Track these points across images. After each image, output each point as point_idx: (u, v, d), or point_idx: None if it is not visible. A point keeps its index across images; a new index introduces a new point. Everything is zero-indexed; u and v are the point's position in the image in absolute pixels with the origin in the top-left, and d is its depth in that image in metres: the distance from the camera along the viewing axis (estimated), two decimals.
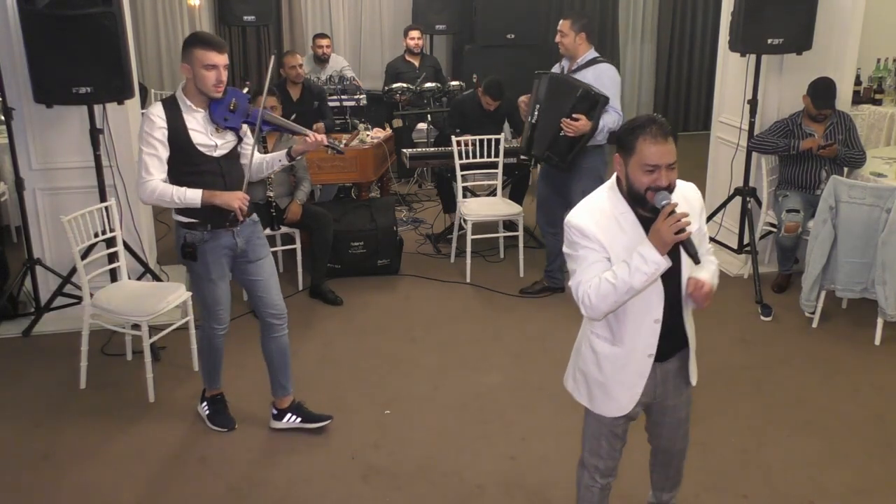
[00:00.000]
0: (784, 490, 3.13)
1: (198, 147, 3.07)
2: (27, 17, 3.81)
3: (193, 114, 3.09)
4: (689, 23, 9.53)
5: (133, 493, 3.15)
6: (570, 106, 4.33)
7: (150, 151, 3.02)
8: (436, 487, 3.17)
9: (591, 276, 2.18)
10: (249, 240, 3.26)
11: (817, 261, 4.36)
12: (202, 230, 3.13)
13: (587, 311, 2.24)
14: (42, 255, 4.55)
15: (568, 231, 2.24)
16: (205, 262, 3.17)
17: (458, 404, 3.77)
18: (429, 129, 6.79)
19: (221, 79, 3.01)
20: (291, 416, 3.49)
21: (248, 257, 3.28)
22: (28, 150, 4.40)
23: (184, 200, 3.03)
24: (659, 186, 2.10)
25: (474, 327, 4.59)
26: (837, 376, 4.01)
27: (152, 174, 3.03)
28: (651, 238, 2.10)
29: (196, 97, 3.08)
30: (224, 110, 3.09)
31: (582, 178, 4.49)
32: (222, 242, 3.18)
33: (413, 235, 6.08)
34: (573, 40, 4.48)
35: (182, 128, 3.05)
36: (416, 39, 7.20)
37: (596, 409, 2.43)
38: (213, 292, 3.25)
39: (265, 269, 3.32)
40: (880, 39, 6.25)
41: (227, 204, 3.03)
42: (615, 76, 4.49)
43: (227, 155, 3.16)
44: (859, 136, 4.85)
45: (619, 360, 2.33)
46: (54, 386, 3.93)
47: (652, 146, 2.08)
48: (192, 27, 8.35)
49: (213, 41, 3.00)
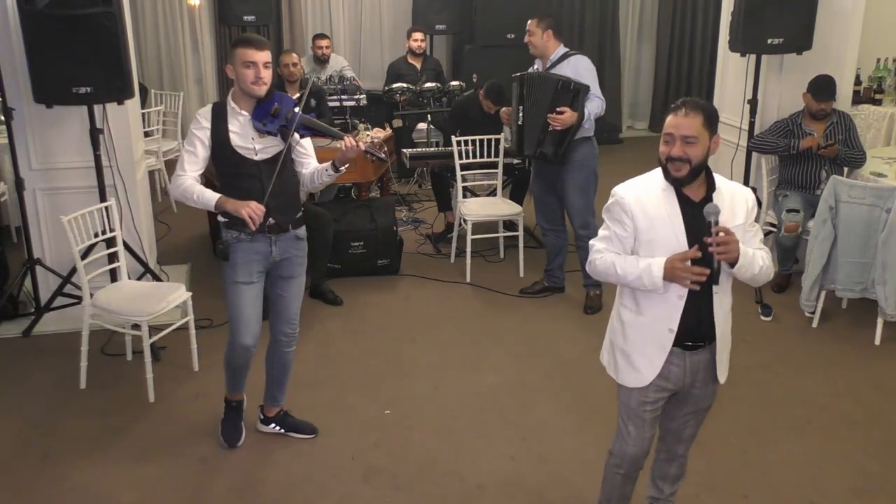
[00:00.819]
0: (784, 490, 3.13)
1: (237, 150, 3.06)
2: (27, 17, 3.81)
3: (237, 116, 3.08)
4: (689, 23, 9.53)
5: (133, 493, 3.15)
6: (551, 99, 4.41)
7: (188, 148, 3.07)
8: (436, 487, 3.17)
9: (609, 248, 2.41)
10: (287, 255, 3.20)
11: (817, 261, 4.36)
12: (239, 231, 3.08)
13: (588, 267, 2.50)
14: (42, 255, 4.55)
15: (611, 199, 2.41)
16: (234, 264, 3.12)
17: (458, 404, 3.77)
18: (429, 128, 6.79)
19: (260, 75, 2.99)
20: (276, 425, 3.49)
21: (282, 272, 3.22)
22: (28, 150, 4.40)
23: (201, 200, 3.02)
24: (671, 156, 2.26)
25: (474, 327, 4.59)
26: (837, 376, 4.01)
27: (185, 170, 3.06)
28: (666, 263, 2.28)
29: (242, 100, 3.07)
30: (264, 115, 3.05)
31: (574, 172, 4.54)
32: (257, 247, 3.12)
33: (413, 235, 6.08)
34: (541, 38, 4.55)
35: (223, 129, 3.06)
36: (419, 41, 7.20)
37: (620, 378, 2.51)
38: (238, 299, 3.13)
39: (294, 288, 3.27)
40: (880, 39, 6.25)
41: (236, 211, 2.96)
42: (590, 65, 4.56)
43: (269, 160, 3.10)
44: (859, 136, 4.85)
45: (642, 329, 2.43)
46: (54, 386, 3.93)
47: (672, 117, 2.27)
48: (192, 27, 8.36)
49: (251, 39, 3.02)
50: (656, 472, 2.78)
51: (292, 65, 6.09)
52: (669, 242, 2.31)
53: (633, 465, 2.60)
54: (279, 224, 3.12)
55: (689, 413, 2.58)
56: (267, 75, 3.02)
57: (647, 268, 2.29)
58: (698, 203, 2.33)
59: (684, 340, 2.39)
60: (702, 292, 2.32)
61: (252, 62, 2.98)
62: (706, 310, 2.37)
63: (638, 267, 2.31)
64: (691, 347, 2.41)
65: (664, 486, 2.77)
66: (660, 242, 2.32)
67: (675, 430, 2.64)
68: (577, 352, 4.26)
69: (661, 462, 2.75)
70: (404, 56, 7.36)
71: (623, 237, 2.37)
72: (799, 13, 4.62)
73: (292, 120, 3.07)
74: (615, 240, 2.39)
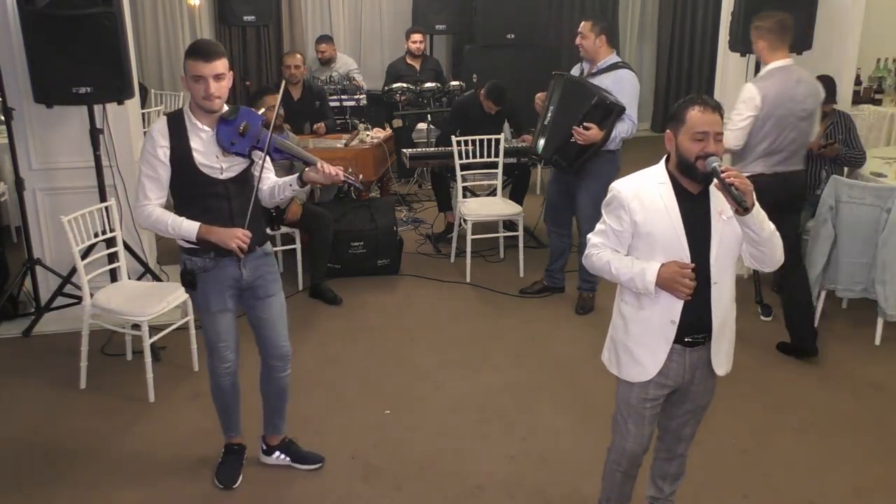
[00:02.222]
0: (784, 490, 3.13)
1: (201, 169, 2.79)
2: (27, 17, 3.81)
3: (199, 132, 2.80)
4: (689, 23, 9.53)
5: (133, 493, 3.14)
6: (584, 113, 4.29)
7: (148, 173, 2.79)
8: (436, 487, 3.17)
9: (605, 244, 2.44)
10: (259, 273, 2.97)
11: (817, 261, 4.36)
12: (204, 257, 2.85)
13: (584, 261, 2.54)
14: (42, 255, 4.55)
15: (609, 194, 2.44)
16: (204, 293, 2.90)
17: (458, 404, 3.77)
18: (429, 128, 6.79)
19: (210, 91, 2.69)
20: (281, 454, 3.29)
21: (257, 293, 3.00)
22: (28, 150, 4.40)
23: (178, 232, 2.77)
24: (708, 153, 2.26)
25: (474, 327, 4.59)
26: (837, 376, 4.01)
27: (149, 198, 2.80)
28: (662, 272, 2.31)
29: (201, 114, 2.79)
30: (232, 133, 2.78)
31: (591, 182, 4.43)
32: (226, 273, 2.89)
33: (413, 235, 6.08)
34: (593, 43, 4.41)
35: (185, 147, 2.78)
36: (417, 43, 7.20)
37: (623, 374, 2.52)
38: (214, 326, 2.96)
39: (274, 308, 3.04)
40: (880, 39, 6.25)
41: (223, 242, 2.75)
42: (635, 83, 4.42)
43: (235, 178, 2.86)
44: (859, 136, 4.85)
45: (644, 322, 2.44)
46: (54, 386, 3.93)
47: (701, 115, 2.28)
48: (192, 27, 8.35)
49: (199, 49, 2.69)
50: (656, 471, 2.79)
51: (294, 66, 6.09)
52: (667, 235, 2.34)
53: (633, 463, 2.62)
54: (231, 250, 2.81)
55: (688, 411, 2.59)
56: (219, 88, 2.72)
57: (641, 272, 2.33)
58: (696, 195, 2.35)
59: (684, 335, 2.41)
60: (701, 285, 2.34)
61: (199, 76, 2.68)
62: (706, 302, 2.38)
63: (632, 269, 2.35)
64: (691, 343, 2.43)
65: (664, 485, 2.78)
66: (658, 235, 2.34)
67: (675, 428, 2.65)
68: (577, 352, 4.26)
69: (661, 461, 2.76)
70: (403, 57, 7.36)
71: (619, 232, 2.41)
72: (799, 13, 4.60)
73: (264, 141, 2.81)
74: (611, 234, 2.43)
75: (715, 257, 2.35)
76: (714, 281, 2.36)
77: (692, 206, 2.35)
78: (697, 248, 2.34)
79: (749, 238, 2.32)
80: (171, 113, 2.85)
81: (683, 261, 2.33)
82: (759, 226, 2.27)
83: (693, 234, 2.34)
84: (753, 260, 2.40)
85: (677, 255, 2.34)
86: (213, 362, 3.05)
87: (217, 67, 2.69)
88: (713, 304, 2.38)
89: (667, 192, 2.36)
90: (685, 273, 2.29)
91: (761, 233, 2.28)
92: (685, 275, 2.29)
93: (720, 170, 2.21)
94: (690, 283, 2.29)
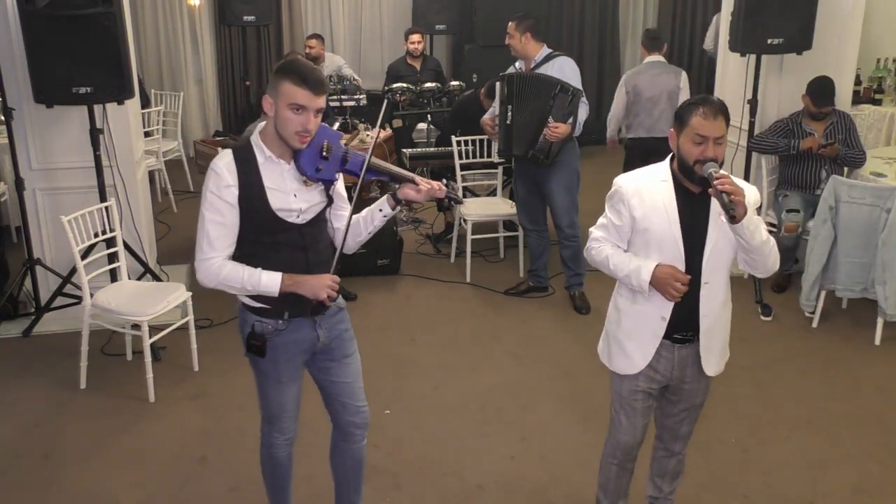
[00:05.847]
0: (784, 490, 3.13)
1: (277, 213, 2.34)
2: (27, 17, 3.81)
3: (273, 166, 2.34)
4: (689, 23, 9.52)
5: (133, 493, 3.15)
6: (552, 100, 4.44)
7: (214, 218, 2.31)
8: (436, 487, 3.17)
9: (606, 238, 2.48)
10: (336, 333, 2.55)
11: (817, 261, 4.36)
12: (276, 319, 2.42)
13: (585, 254, 2.58)
14: (42, 255, 4.55)
15: (612, 188, 2.47)
16: (275, 360, 2.46)
17: (458, 404, 3.77)
18: (429, 128, 6.78)
19: (308, 126, 2.26)
20: None
21: (333, 355, 2.57)
22: (28, 150, 4.40)
23: (257, 289, 2.34)
24: (706, 158, 2.28)
25: (474, 327, 4.59)
26: (837, 376, 4.01)
27: (216, 249, 2.32)
28: (657, 270, 2.35)
29: (276, 144, 2.33)
30: (315, 157, 2.34)
31: (560, 172, 4.59)
32: (300, 336, 2.47)
33: (413, 235, 6.08)
34: (520, 41, 4.61)
35: (257, 185, 2.31)
36: (416, 43, 7.20)
37: (612, 365, 2.57)
38: (280, 397, 2.55)
39: (352, 370, 2.62)
40: (880, 39, 6.26)
41: (314, 293, 2.35)
42: (575, 67, 4.60)
43: (311, 222, 2.43)
44: (859, 136, 4.85)
45: (636, 316, 2.48)
46: (54, 386, 3.93)
47: (703, 119, 2.29)
48: (192, 27, 8.36)
49: (308, 77, 2.23)
50: (655, 470, 2.80)
51: None
52: (663, 232, 2.36)
53: (627, 455, 2.66)
54: (322, 301, 2.40)
55: (684, 410, 2.61)
56: (315, 127, 2.30)
57: (637, 270, 2.37)
58: (697, 195, 2.36)
59: (674, 332, 2.44)
60: (693, 285, 2.37)
61: (302, 106, 2.24)
62: (696, 301, 2.41)
63: (629, 266, 2.40)
64: (680, 341, 2.46)
65: (663, 484, 2.79)
66: (654, 231, 2.37)
67: (672, 427, 2.67)
68: (576, 351, 4.26)
69: (660, 460, 2.77)
70: (403, 57, 7.36)
71: (619, 226, 2.44)
72: (799, 13, 4.62)
73: (355, 162, 2.39)
74: (611, 228, 2.46)
75: (707, 257, 2.38)
76: (705, 281, 2.39)
77: (692, 206, 2.37)
78: (692, 247, 2.37)
79: (740, 245, 2.33)
80: (236, 146, 2.39)
81: (678, 258, 2.36)
82: (750, 235, 2.28)
83: (689, 234, 2.36)
84: (746, 265, 2.42)
85: (672, 252, 2.36)
86: (270, 433, 2.65)
87: (322, 102, 2.27)
88: (702, 303, 2.41)
89: (667, 189, 2.38)
90: (679, 278, 2.33)
91: (751, 241, 2.29)
92: (679, 279, 2.33)
93: (715, 176, 2.23)
94: (682, 289, 2.33)
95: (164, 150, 6.91)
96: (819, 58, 4.81)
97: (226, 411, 3.71)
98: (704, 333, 2.45)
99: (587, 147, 5.98)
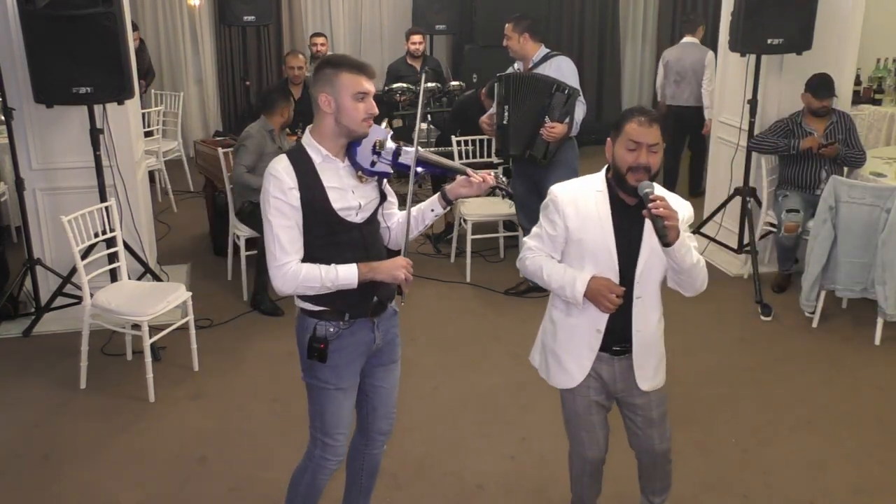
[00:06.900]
0: (784, 490, 3.13)
1: (338, 213, 2.33)
2: (27, 17, 3.81)
3: (330, 165, 2.33)
4: None
5: (133, 493, 3.15)
6: (549, 100, 4.45)
7: (282, 223, 2.27)
8: (436, 487, 3.17)
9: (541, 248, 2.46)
10: (389, 337, 2.56)
11: (817, 261, 4.36)
12: (337, 320, 2.38)
13: (518, 264, 2.56)
14: (42, 255, 4.55)
15: (547, 197, 2.46)
16: (335, 366, 2.40)
17: (458, 404, 3.77)
18: (429, 128, 6.79)
19: (373, 112, 2.31)
20: None
21: (382, 359, 2.55)
22: (28, 150, 4.40)
23: (337, 283, 2.30)
24: (639, 164, 2.27)
25: (474, 327, 4.60)
26: (837, 376, 4.01)
27: (289, 253, 2.29)
28: (591, 282, 2.33)
29: (333, 141, 2.32)
30: (368, 152, 2.35)
31: (559, 171, 4.58)
32: (360, 338, 2.43)
33: None
34: (518, 42, 4.64)
35: (318, 187, 2.30)
36: (416, 44, 7.21)
37: (551, 380, 2.57)
38: (338, 407, 2.46)
39: (394, 375, 2.63)
40: (880, 39, 6.25)
41: (392, 276, 2.33)
42: (573, 66, 4.63)
43: (368, 220, 2.43)
44: (859, 136, 4.85)
45: (571, 329, 2.47)
46: (54, 386, 3.93)
47: (637, 126, 2.29)
48: (192, 27, 8.36)
49: (359, 63, 2.31)
50: (644, 485, 2.77)
51: (297, 67, 6.08)
52: (597, 243, 2.36)
53: (596, 467, 2.66)
54: (382, 301, 2.43)
55: (644, 426, 2.57)
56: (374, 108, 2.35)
57: (572, 281, 2.35)
58: (632, 207, 2.35)
59: (611, 344, 2.44)
60: (627, 297, 2.36)
61: (366, 93, 2.28)
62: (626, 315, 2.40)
63: (563, 277, 2.37)
64: (619, 353, 2.46)
65: (654, 498, 2.78)
66: (588, 242, 2.36)
67: (645, 448, 2.62)
68: None
69: (646, 479, 2.74)
70: (404, 57, 7.36)
71: (553, 236, 2.42)
72: (799, 13, 4.62)
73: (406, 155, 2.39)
74: (546, 238, 2.44)
75: (640, 272, 2.37)
76: (637, 295, 2.38)
77: (627, 218, 2.36)
78: (626, 260, 2.36)
79: (670, 265, 2.33)
80: (290, 149, 2.39)
81: (612, 269, 2.36)
82: (681, 258, 2.27)
83: (623, 246, 2.35)
84: (675, 284, 2.41)
85: (606, 264, 2.35)
86: (322, 457, 2.53)
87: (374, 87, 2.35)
88: (634, 317, 2.41)
89: (603, 200, 2.38)
90: (614, 290, 2.32)
91: (682, 264, 2.29)
92: (614, 291, 2.32)
93: (651, 198, 2.20)
94: (617, 301, 2.32)
95: (165, 150, 6.92)
96: (819, 58, 4.81)
97: (226, 411, 3.71)
98: (638, 347, 2.44)
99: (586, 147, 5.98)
